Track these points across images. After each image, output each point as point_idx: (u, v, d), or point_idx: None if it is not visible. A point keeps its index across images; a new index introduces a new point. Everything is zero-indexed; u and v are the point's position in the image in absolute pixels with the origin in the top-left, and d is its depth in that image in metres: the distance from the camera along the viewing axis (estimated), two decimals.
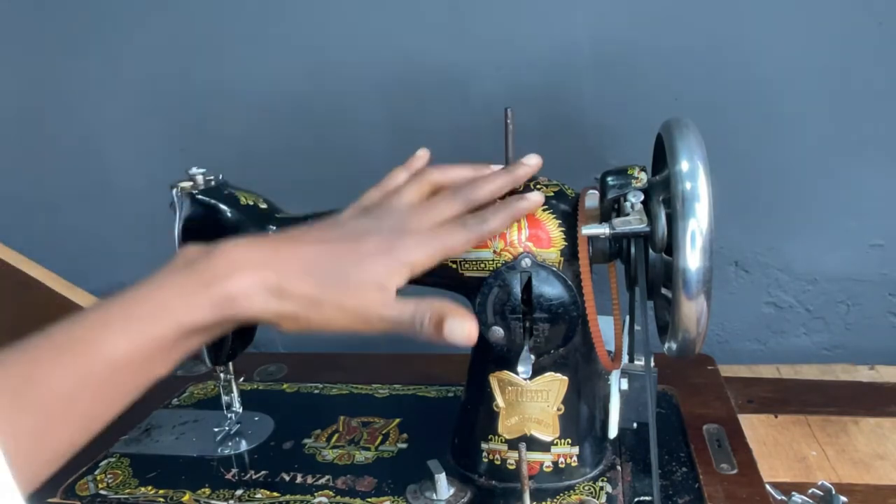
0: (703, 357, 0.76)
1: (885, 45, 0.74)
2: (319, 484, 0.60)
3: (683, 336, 0.47)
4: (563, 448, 0.57)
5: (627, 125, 0.79)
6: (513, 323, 0.52)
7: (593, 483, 0.57)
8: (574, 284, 0.52)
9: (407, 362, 0.82)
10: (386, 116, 0.85)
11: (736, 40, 0.76)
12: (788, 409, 0.71)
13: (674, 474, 0.59)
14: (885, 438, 0.66)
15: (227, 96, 0.88)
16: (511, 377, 0.55)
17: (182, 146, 0.90)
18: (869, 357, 0.81)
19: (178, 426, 0.71)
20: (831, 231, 0.82)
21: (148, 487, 0.62)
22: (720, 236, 0.46)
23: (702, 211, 0.44)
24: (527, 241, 0.52)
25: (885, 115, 0.76)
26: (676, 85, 0.78)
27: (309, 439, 0.67)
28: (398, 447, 0.65)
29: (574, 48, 0.79)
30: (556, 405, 0.56)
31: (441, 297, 0.45)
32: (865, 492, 0.59)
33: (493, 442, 0.58)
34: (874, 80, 0.75)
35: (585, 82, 0.80)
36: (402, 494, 0.58)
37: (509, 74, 0.80)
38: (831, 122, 0.77)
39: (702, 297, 0.45)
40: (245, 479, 0.62)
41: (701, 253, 0.44)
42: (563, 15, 0.78)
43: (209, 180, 0.61)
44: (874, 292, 0.83)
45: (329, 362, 0.83)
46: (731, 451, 0.61)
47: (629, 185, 0.49)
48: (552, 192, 0.53)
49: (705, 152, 0.45)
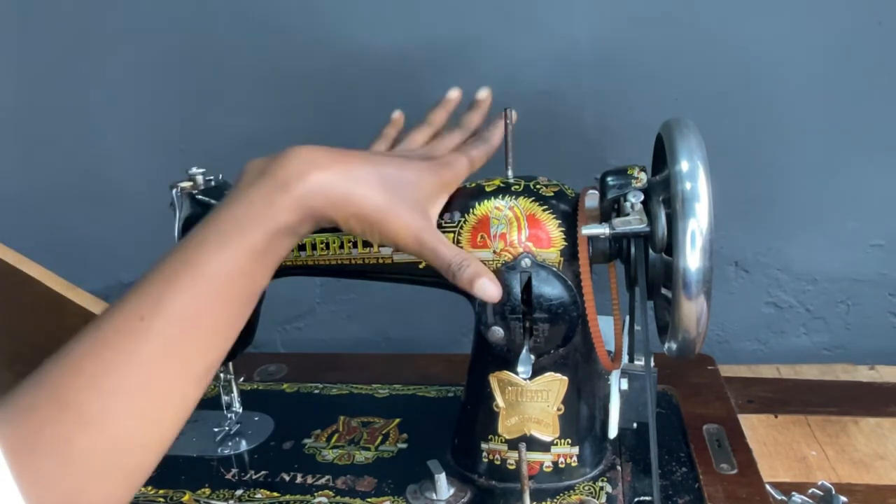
0: (703, 357, 0.76)
1: (885, 45, 0.74)
2: (319, 484, 0.60)
3: (683, 336, 0.47)
4: (563, 448, 0.57)
5: (627, 125, 0.79)
6: (513, 323, 0.52)
7: (593, 483, 0.57)
8: (574, 284, 0.52)
9: (407, 362, 0.82)
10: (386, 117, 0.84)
11: (736, 40, 0.76)
12: (788, 409, 0.71)
13: (674, 474, 0.59)
14: (885, 438, 0.66)
15: (228, 96, 0.88)
16: (511, 377, 0.55)
17: (182, 146, 0.90)
18: (869, 357, 0.80)
19: None
20: (831, 231, 0.81)
21: (148, 487, 0.61)
22: (720, 236, 0.46)
23: (702, 211, 0.44)
24: (527, 241, 0.52)
25: (886, 114, 0.76)
26: (676, 85, 0.78)
27: (309, 439, 0.67)
28: (398, 447, 0.65)
29: (574, 48, 0.79)
30: (556, 405, 0.56)
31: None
32: (865, 492, 0.59)
33: (493, 442, 0.58)
34: (874, 80, 0.75)
35: (585, 82, 0.80)
36: (402, 494, 0.58)
37: (509, 74, 0.80)
38: (831, 122, 0.77)
39: (702, 297, 0.45)
40: (245, 479, 0.62)
41: (701, 253, 0.44)
42: (563, 15, 0.78)
43: (209, 180, 0.61)
44: (874, 292, 0.83)
45: (329, 362, 0.83)
46: (731, 451, 0.61)
47: (629, 185, 0.49)
48: (552, 192, 0.53)
49: (705, 152, 0.45)
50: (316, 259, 0.58)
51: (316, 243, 0.58)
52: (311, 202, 0.44)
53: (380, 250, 0.56)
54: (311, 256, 0.58)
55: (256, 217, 0.44)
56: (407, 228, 0.47)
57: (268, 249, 0.44)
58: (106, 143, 0.93)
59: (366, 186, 0.46)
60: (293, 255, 0.58)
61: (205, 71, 0.87)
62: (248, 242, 0.43)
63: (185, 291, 0.41)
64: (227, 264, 0.42)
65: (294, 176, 0.44)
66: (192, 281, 0.42)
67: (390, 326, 0.96)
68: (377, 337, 0.96)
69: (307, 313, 0.97)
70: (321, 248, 0.58)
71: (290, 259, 0.59)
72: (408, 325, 0.94)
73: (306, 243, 0.58)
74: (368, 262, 0.57)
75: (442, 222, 0.53)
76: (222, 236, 0.43)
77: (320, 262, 0.58)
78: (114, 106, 0.91)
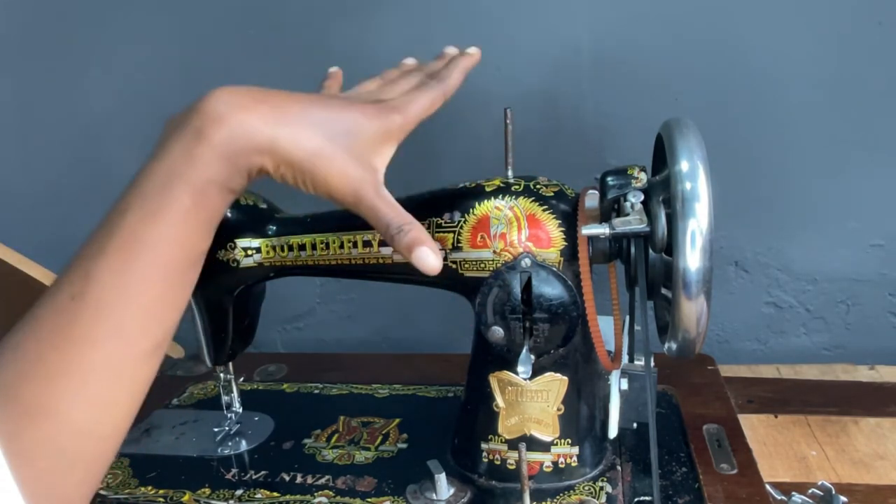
0: (703, 357, 0.76)
1: (885, 45, 0.74)
2: (319, 484, 0.60)
3: (683, 336, 0.47)
4: (563, 448, 0.57)
5: (627, 125, 0.79)
6: (513, 323, 0.52)
7: (593, 483, 0.57)
8: (574, 284, 0.52)
9: (407, 362, 0.82)
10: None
11: (736, 40, 0.76)
12: (788, 409, 0.71)
13: (674, 474, 0.59)
14: (885, 438, 0.66)
15: None
16: (511, 377, 0.55)
17: None
18: (869, 357, 0.80)
19: (178, 426, 0.71)
20: (831, 231, 0.81)
21: (148, 487, 0.62)
22: (720, 236, 0.46)
23: (702, 211, 0.44)
24: (527, 241, 0.52)
25: (886, 114, 0.76)
26: (676, 85, 0.78)
27: (309, 439, 0.67)
28: (398, 447, 0.65)
29: (574, 48, 0.79)
30: (556, 405, 0.56)
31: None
32: (865, 492, 0.59)
33: (493, 442, 0.58)
34: (874, 80, 0.75)
35: (585, 82, 0.80)
36: (402, 494, 0.58)
37: (509, 74, 0.80)
38: (831, 122, 0.77)
39: (702, 297, 0.45)
40: (245, 479, 0.62)
41: (701, 253, 0.44)
42: (563, 15, 0.78)
43: None
44: (874, 292, 0.83)
45: (329, 362, 0.83)
46: (731, 451, 0.61)
47: (629, 185, 0.49)
48: (552, 192, 0.53)
49: (705, 152, 0.45)
50: (316, 259, 0.58)
51: (316, 243, 0.58)
52: (233, 148, 0.40)
53: (380, 250, 0.56)
54: (311, 256, 0.58)
55: (178, 173, 0.40)
56: (343, 177, 0.42)
57: (198, 209, 0.40)
58: (106, 142, 0.93)
59: (297, 127, 0.41)
60: (293, 256, 0.58)
61: (206, 71, 0.87)
62: (174, 203, 0.39)
63: (115, 264, 0.38)
64: (154, 231, 0.39)
65: (212, 121, 0.40)
66: (120, 252, 0.39)
67: (390, 326, 0.96)
68: (377, 337, 0.96)
69: (307, 313, 0.97)
70: (321, 248, 0.58)
71: (291, 259, 0.59)
72: (408, 325, 0.94)
73: (306, 243, 0.58)
74: (368, 262, 0.57)
75: (442, 221, 0.53)
76: (144, 200, 0.40)
77: (320, 262, 0.58)
78: (114, 106, 0.91)
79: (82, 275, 0.38)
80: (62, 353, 0.37)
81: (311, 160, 0.41)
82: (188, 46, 0.87)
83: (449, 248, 0.53)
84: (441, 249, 0.51)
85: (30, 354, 0.37)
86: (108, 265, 0.38)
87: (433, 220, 0.54)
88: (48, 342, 0.37)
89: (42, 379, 0.37)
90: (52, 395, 0.37)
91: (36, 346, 0.37)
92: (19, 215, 0.97)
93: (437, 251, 0.42)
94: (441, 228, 0.53)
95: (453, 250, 0.53)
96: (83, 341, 0.38)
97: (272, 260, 0.59)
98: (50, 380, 0.37)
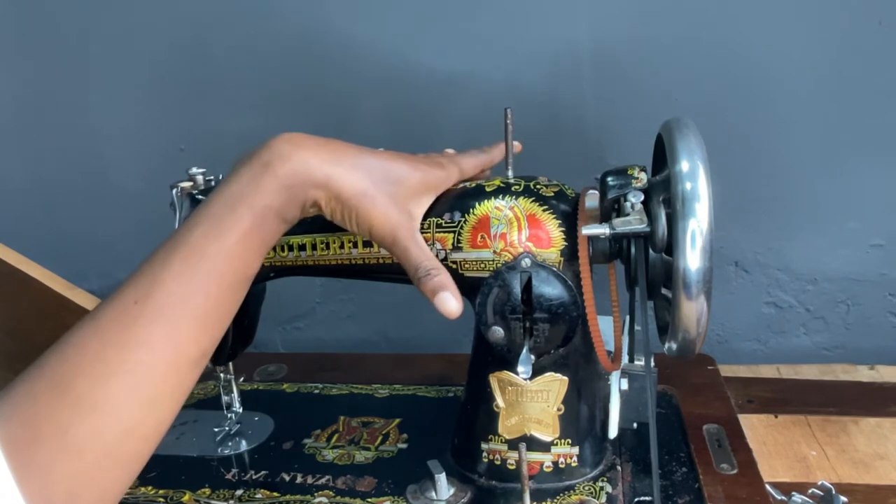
0: (703, 357, 0.76)
1: (885, 45, 0.74)
2: (319, 484, 0.60)
3: (683, 336, 0.47)
4: (563, 448, 0.57)
5: (627, 125, 0.79)
6: (513, 323, 0.52)
7: (593, 483, 0.57)
8: (574, 284, 0.52)
9: (407, 362, 0.82)
10: (386, 116, 0.85)
11: (736, 40, 0.76)
12: (788, 409, 0.71)
13: (674, 474, 0.59)
14: (885, 438, 0.66)
15: (228, 96, 0.88)
16: (511, 377, 0.55)
17: (182, 146, 0.90)
18: (869, 357, 0.81)
19: (178, 426, 0.71)
20: (831, 231, 0.81)
21: (148, 487, 0.62)
22: (720, 236, 0.46)
23: (702, 211, 0.44)
24: (527, 241, 0.52)
25: (886, 114, 0.76)
26: (676, 85, 0.78)
27: (309, 439, 0.67)
28: (398, 447, 0.65)
29: (574, 48, 0.79)
30: (556, 405, 0.56)
31: None
32: (865, 492, 0.59)
33: (493, 442, 0.58)
34: (874, 80, 0.75)
35: (585, 82, 0.80)
36: (402, 494, 0.58)
37: (509, 74, 0.80)
38: (831, 122, 0.77)
39: (702, 298, 0.45)
40: (245, 479, 0.62)
41: (701, 253, 0.44)
42: (563, 15, 0.78)
43: (209, 180, 0.61)
44: (874, 292, 0.83)
45: (329, 362, 0.83)
46: (731, 451, 0.61)
47: (629, 185, 0.49)
48: (552, 192, 0.53)
49: (705, 152, 0.45)
50: (316, 259, 0.58)
51: (316, 243, 0.58)
52: (294, 181, 0.45)
53: (380, 250, 0.56)
54: (311, 256, 0.58)
55: (243, 197, 0.45)
56: (384, 219, 0.47)
57: (256, 232, 0.45)
58: (106, 143, 0.93)
59: (350, 169, 0.47)
60: (293, 256, 0.58)
61: (205, 71, 0.87)
62: (236, 223, 0.44)
63: (177, 274, 0.42)
64: (216, 246, 0.43)
65: (279, 156, 0.45)
66: (184, 263, 0.42)
67: (390, 326, 0.96)
68: (377, 337, 0.97)
69: (307, 313, 0.97)
70: (321, 248, 0.58)
71: (291, 259, 0.59)
72: (408, 325, 0.94)
73: (306, 243, 0.58)
74: (368, 262, 0.57)
75: (442, 221, 0.53)
76: (211, 219, 0.44)
77: (320, 262, 0.58)
78: (114, 106, 0.91)
79: (147, 281, 0.42)
80: (120, 353, 0.40)
81: (359, 199, 0.47)
82: (188, 46, 0.87)
83: (449, 248, 0.53)
84: (441, 250, 0.53)
85: (89, 351, 0.40)
86: (171, 274, 0.42)
87: (433, 220, 0.53)
88: (109, 342, 0.40)
89: (98, 376, 0.39)
90: (104, 391, 0.39)
91: (96, 345, 0.40)
92: (20, 215, 0.97)
93: (458, 297, 0.48)
94: (441, 228, 0.53)
95: (453, 250, 0.53)
96: (140, 344, 0.40)
97: (272, 260, 0.59)
98: (105, 377, 0.39)
